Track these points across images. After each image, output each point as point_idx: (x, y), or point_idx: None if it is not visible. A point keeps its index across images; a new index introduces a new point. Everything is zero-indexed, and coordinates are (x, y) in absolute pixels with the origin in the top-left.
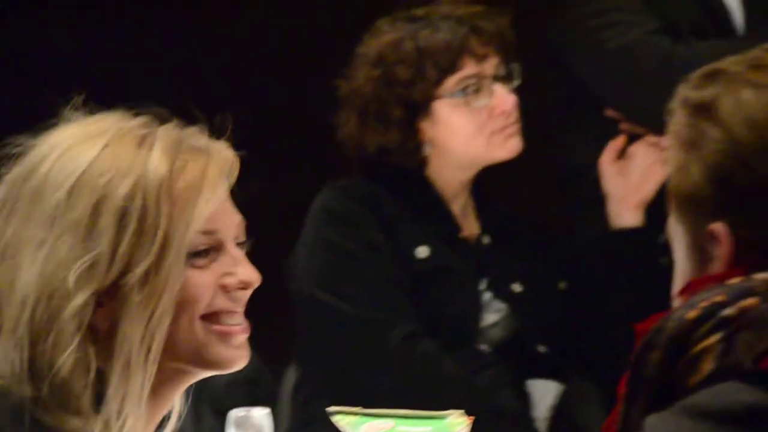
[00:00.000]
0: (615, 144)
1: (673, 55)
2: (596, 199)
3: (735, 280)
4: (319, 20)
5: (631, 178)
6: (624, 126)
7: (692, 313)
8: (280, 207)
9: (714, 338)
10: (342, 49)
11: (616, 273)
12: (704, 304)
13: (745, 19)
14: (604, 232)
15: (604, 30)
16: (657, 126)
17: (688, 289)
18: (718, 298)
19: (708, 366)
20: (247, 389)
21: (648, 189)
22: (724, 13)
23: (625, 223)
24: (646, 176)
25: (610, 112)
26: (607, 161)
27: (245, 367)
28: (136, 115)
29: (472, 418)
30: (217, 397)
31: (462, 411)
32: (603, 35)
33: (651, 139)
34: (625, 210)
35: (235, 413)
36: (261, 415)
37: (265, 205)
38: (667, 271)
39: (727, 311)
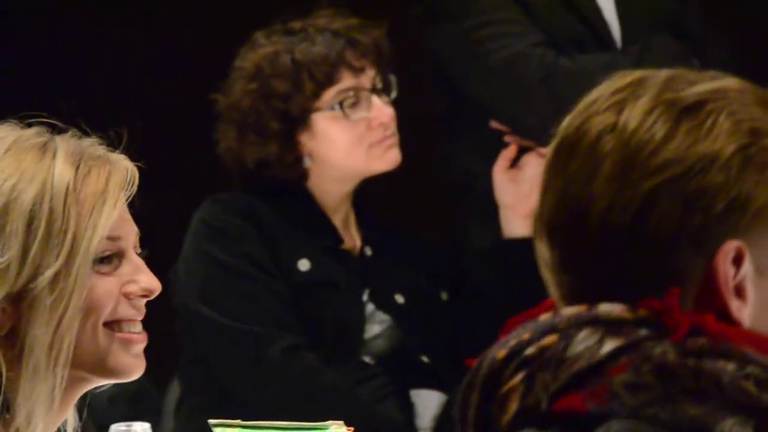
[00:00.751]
0: (508, 153)
1: (556, 68)
2: (483, 210)
3: (545, 317)
4: (196, 33)
5: (523, 186)
6: (508, 138)
7: (501, 353)
8: (162, 220)
9: (518, 378)
10: (218, 63)
11: (504, 282)
12: (512, 342)
13: (622, 34)
14: (492, 242)
15: (488, 42)
16: (541, 138)
17: (504, 328)
18: (525, 336)
19: (513, 406)
20: (130, 403)
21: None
22: (603, 28)
23: (515, 232)
24: (536, 186)
25: (494, 124)
26: (500, 170)
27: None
28: (29, 125)
29: (352, 428)
30: (99, 410)
31: (342, 422)
32: (486, 47)
33: (542, 150)
34: (515, 218)
35: (116, 428)
36: (142, 429)
37: (148, 219)
38: None
39: (529, 350)
